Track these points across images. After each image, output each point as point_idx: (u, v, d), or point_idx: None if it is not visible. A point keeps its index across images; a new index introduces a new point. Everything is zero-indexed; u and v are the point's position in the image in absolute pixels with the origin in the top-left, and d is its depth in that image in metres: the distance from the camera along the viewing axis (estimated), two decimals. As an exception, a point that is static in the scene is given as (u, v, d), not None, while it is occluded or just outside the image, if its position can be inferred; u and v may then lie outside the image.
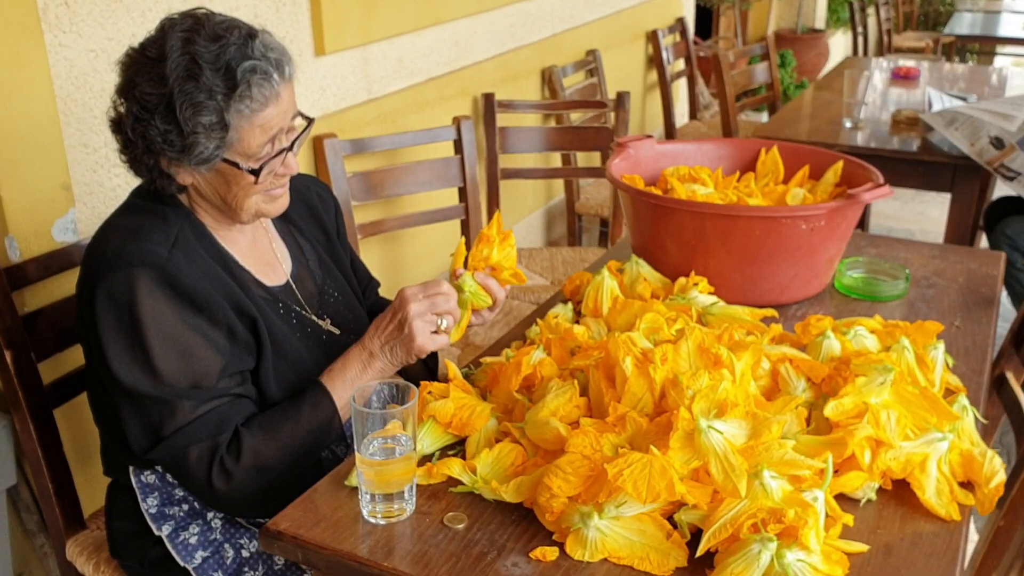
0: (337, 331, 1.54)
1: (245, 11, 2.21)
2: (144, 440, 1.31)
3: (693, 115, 5.12)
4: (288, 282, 1.52)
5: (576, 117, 3.75)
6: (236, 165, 1.32)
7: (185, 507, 1.43)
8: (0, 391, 1.62)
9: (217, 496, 1.32)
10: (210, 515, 1.43)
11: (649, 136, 1.99)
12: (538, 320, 1.50)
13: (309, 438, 1.35)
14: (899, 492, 1.19)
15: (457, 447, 1.28)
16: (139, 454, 1.32)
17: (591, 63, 4.04)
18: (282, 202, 1.44)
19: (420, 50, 2.90)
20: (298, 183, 1.63)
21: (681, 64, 5.00)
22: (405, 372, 1.58)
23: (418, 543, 1.10)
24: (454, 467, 1.18)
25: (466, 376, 1.42)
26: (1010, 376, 1.77)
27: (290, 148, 1.38)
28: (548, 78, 3.69)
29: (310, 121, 1.43)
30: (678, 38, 4.99)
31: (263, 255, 1.51)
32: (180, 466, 1.31)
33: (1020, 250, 2.78)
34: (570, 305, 1.64)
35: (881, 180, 1.73)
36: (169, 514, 1.43)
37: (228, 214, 1.40)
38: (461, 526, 1.13)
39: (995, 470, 1.18)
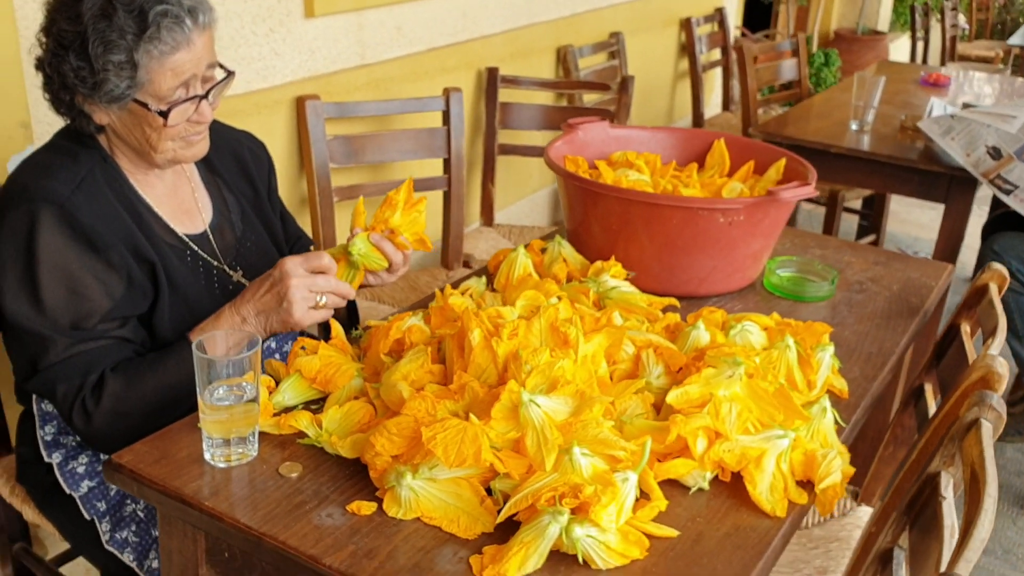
0: (247, 283, 1.59)
1: (230, -32, 2.26)
2: (24, 370, 1.38)
3: (726, 106, 5.07)
4: (206, 231, 1.57)
5: (593, 99, 3.75)
6: (146, 106, 1.37)
7: (78, 438, 1.49)
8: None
9: (79, 433, 1.38)
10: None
11: (603, 119, 2.00)
12: (438, 291, 1.53)
13: (171, 392, 1.38)
14: (736, 485, 1.19)
15: (321, 403, 1.32)
16: (20, 383, 1.39)
17: (613, 45, 4.02)
18: (199, 148, 1.48)
19: (422, 19, 2.92)
20: (231, 137, 1.68)
21: (717, 54, 4.95)
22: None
23: (246, 487, 1.14)
24: (302, 420, 1.22)
25: (357, 338, 1.46)
26: (928, 387, 1.75)
27: (205, 96, 1.42)
28: (563, 57, 3.69)
29: (229, 73, 1.47)
30: (716, 28, 4.94)
31: (182, 203, 1.56)
32: (51, 400, 1.38)
33: (1007, 265, 2.71)
34: (484, 279, 1.66)
35: (812, 180, 1.72)
36: (62, 443, 1.49)
37: (144, 157, 1.45)
38: (294, 475, 1.17)
39: (829, 471, 1.18)
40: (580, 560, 1.03)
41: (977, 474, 1.16)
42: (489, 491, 1.11)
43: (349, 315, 1.76)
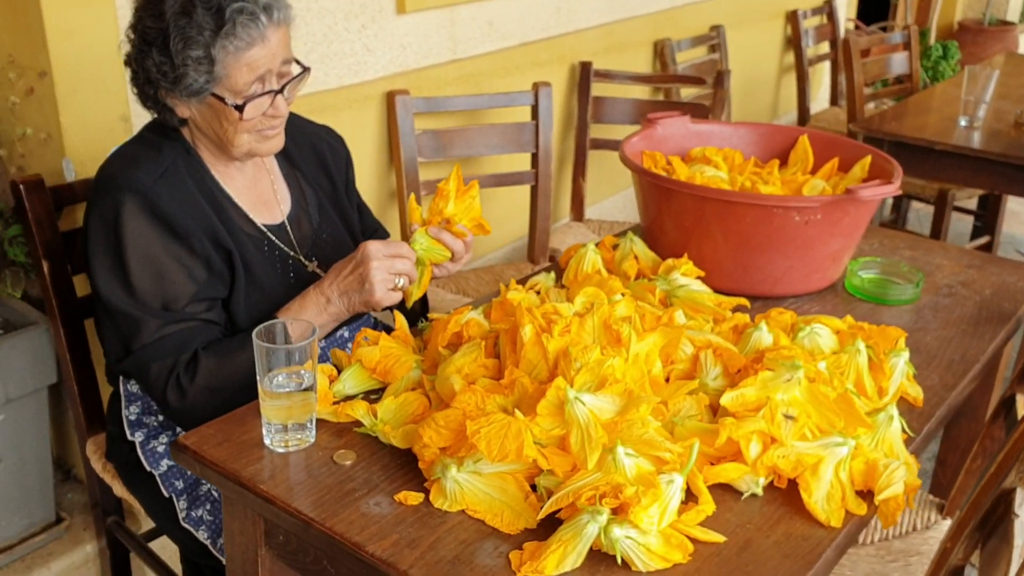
0: (322, 273, 1.63)
1: (323, -34, 2.31)
2: (116, 351, 1.45)
3: (834, 101, 4.92)
4: (284, 222, 1.62)
5: (690, 93, 3.69)
6: (223, 100, 1.42)
7: (160, 417, 1.56)
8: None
9: (171, 410, 1.44)
10: (179, 428, 1.55)
11: (684, 114, 1.97)
12: (502, 285, 1.53)
13: None
14: (792, 492, 1.16)
15: (381, 393, 1.34)
16: (112, 364, 1.46)
17: (714, 39, 3.95)
18: (275, 143, 1.52)
19: (514, 14, 2.93)
20: (310, 131, 1.72)
21: (826, 47, 4.81)
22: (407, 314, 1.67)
23: (301, 472, 1.17)
24: (358, 409, 1.25)
25: (421, 330, 1.48)
26: (1020, 399, 1.67)
27: (280, 91, 1.46)
28: (660, 51, 3.65)
29: (304, 69, 1.51)
30: (825, 20, 4.80)
31: (261, 194, 1.61)
32: (143, 379, 1.44)
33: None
34: (552, 275, 1.66)
35: (897, 178, 1.66)
36: (145, 423, 1.57)
37: (223, 149, 1.51)
38: (348, 463, 1.19)
39: (890, 482, 1.14)
40: (619, 561, 1.02)
41: (1049, 491, 1.10)
42: (534, 487, 1.11)
43: (421, 307, 1.79)
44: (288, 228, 1.62)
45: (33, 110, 1.90)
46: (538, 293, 1.54)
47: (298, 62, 1.50)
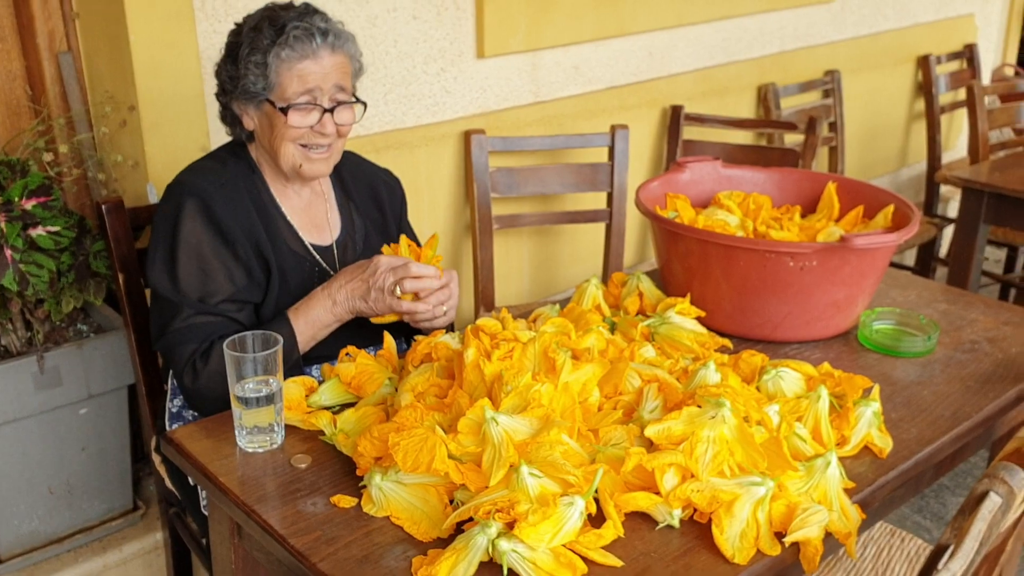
0: None
1: (403, 12, 2.48)
2: (155, 332, 1.64)
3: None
4: (332, 245, 1.77)
5: (795, 139, 3.66)
6: (272, 104, 1.59)
7: (196, 413, 1.73)
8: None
9: (186, 391, 1.61)
10: (194, 413, 1.71)
11: (716, 158, 2.00)
12: (493, 313, 1.61)
13: None
14: (709, 527, 1.18)
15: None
16: (152, 344, 1.65)
17: (827, 84, 3.90)
18: (319, 167, 1.68)
19: (602, 59, 3.02)
20: (369, 171, 1.89)
21: (964, 94, 4.63)
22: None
23: (258, 470, 1.30)
24: (322, 419, 1.36)
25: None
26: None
27: (329, 111, 1.62)
28: (764, 96, 3.63)
29: (358, 101, 1.67)
30: (964, 65, 4.62)
31: (314, 217, 1.77)
32: (170, 359, 1.63)
33: None
34: (557, 307, 1.73)
35: (911, 228, 1.64)
36: (183, 415, 1.74)
37: (276, 162, 1.67)
38: (303, 466, 1.31)
39: (803, 525, 1.15)
40: (505, 573, 1.08)
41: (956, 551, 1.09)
42: (453, 501, 1.19)
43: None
44: (335, 251, 1.77)
45: (125, 140, 2.15)
46: (535, 322, 1.61)
47: (357, 98, 1.66)
